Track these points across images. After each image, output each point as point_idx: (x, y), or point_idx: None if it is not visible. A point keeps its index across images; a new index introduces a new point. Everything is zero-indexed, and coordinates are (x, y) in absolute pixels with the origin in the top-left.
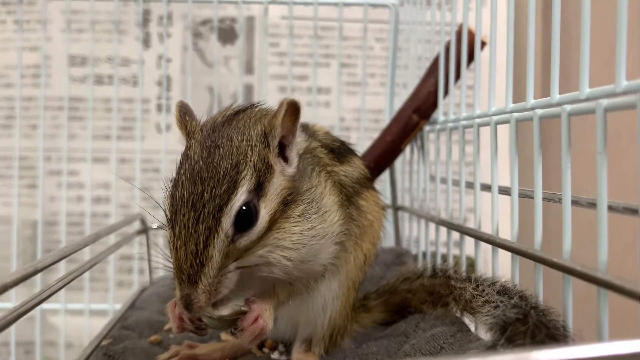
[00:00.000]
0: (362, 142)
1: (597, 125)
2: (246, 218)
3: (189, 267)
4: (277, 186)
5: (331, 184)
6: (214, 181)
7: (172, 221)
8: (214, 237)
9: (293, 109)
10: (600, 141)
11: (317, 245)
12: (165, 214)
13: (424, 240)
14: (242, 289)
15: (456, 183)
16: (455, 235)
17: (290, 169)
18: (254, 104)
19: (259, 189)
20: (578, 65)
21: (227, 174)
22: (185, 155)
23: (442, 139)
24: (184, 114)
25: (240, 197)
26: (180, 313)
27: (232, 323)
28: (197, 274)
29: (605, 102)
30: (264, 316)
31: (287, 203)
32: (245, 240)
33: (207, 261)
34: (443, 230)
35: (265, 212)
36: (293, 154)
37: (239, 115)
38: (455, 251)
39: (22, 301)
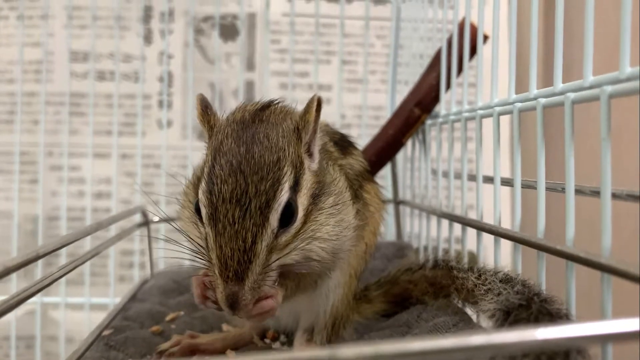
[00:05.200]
0: (363, 139)
1: (601, 111)
2: (288, 214)
3: (235, 264)
4: (307, 181)
5: (344, 178)
6: (257, 177)
7: (213, 217)
8: (261, 233)
9: (318, 105)
10: (605, 128)
11: (347, 236)
12: (202, 210)
13: (426, 235)
14: None
15: (458, 176)
16: (457, 231)
17: (314, 164)
18: (272, 101)
19: (295, 185)
20: (580, 60)
21: (270, 170)
22: (218, 151)
23: (444, 135)
24: (206, 107)
25: (285, 193)
26: (204, 292)
27: None
28: (245, 270)
29: (609, 88)
30: (277, 298)
31: (316, 196)
32: (286, 235)
33: (254, 257)
34: (445, 225)
35: (301, 208)
36: (316, 150)
37: (265, 112)
38: (457, 247)
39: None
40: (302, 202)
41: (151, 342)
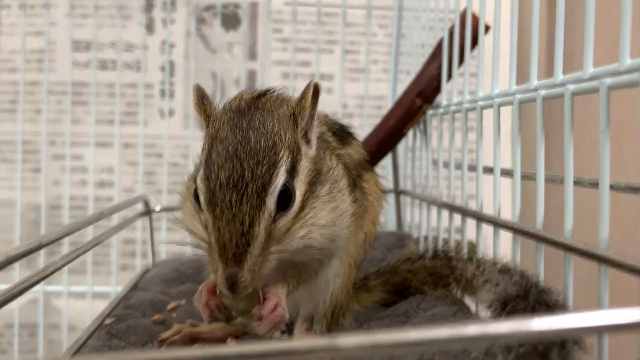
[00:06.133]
0: (364, 129)
1: (600, 103)
2: (286, 197)
3: (234, 246)
4: (305, 167)
5: (342, 167)
6: (253, 162)
7: (211, 202)
8: (258, 216)
9: (315, 91)
10: (604, 120)
11: (343, 223)
12: (200, 196)
13: (426, 225)
14: None
15: (458, 167)
16: (457, 221)
17: (312, 151)
18: (269, 89)
19: (292, 170)
20: (581, 52)
21: (266, 155)
22: (214, 138)
23: (445, 125)
24: (202, 97)
25: (281, 176)
26: (207, 301)
27: (249, 305)
28: (243, 253)
29: (608, 80)
30: (282, 304)
31: (313, 184)
32: (284, 219)
33: (252, 240)
34: (445, 215)
35: (299, 193)
36: (314, 137)
37: (261, 99)
38: (456, 237)
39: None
40: (300, 187)
41: (152, 330)
